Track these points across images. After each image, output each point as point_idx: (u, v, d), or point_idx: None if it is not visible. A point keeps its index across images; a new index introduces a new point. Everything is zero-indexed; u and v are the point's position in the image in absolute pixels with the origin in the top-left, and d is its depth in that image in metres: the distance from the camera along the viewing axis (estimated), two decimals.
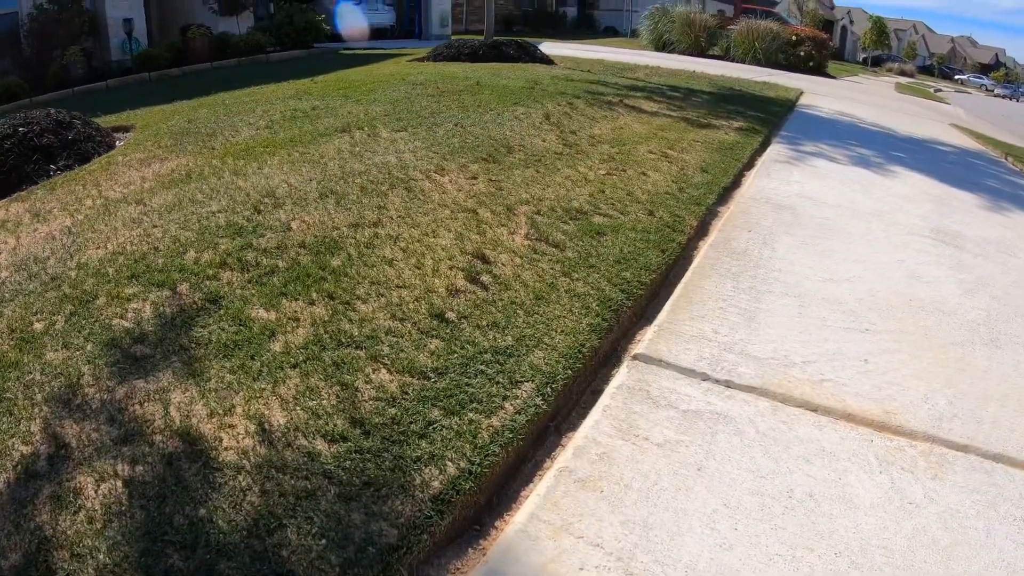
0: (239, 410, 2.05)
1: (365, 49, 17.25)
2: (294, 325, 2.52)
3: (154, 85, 12.00)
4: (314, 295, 2.72)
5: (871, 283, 3.44)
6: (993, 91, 69.82)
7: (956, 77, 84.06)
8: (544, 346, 2.53)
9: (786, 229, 4.09)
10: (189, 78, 12.35)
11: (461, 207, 3.72)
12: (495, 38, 13.31)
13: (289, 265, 2.95)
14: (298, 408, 2.06)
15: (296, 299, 2.69)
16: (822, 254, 3.76)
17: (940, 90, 37.14)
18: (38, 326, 2.58)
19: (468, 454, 1.95)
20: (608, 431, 2.14)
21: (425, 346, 2.45)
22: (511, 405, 2.18)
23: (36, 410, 2.07)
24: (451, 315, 2.67)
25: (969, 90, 58.99)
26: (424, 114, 6.17)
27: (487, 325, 2.63)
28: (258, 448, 1.90)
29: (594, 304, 2.87)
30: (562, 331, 2.65)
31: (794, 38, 23.84)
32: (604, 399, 2.32)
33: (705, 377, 2.45)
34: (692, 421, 2.20)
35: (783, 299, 3.09)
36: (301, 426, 1.99)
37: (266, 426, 1.99)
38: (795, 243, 3.88)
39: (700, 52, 24.43)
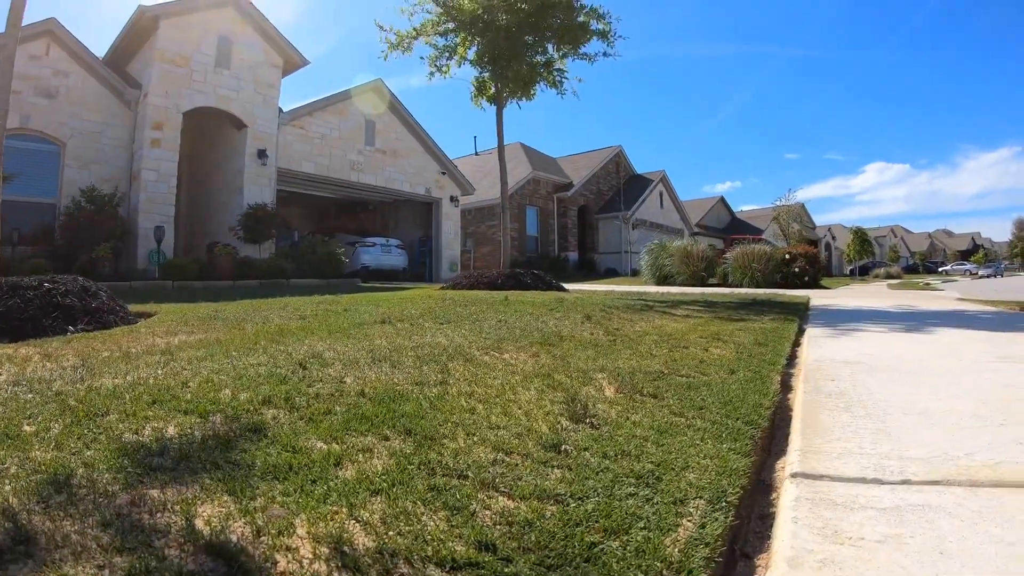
0: (301, 531, 1.58)
1: (382, 284, 17.51)
2: (367, 455, 2.08)
3: (177, 292, 12.08)
4: (387, 431, 2.30)
5: (976, 395, 3.36)
6: (977, 273, 72.31)
7: (940, 269, 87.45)
8: (693, 468, 2.15)
9: (866, 375, 3.91)
10: (212, 290, 12.42)
11: (533, 373, 3.36)
12: (511, 269, 13.56)
13: (349, 409, 2.55)
14: (391, 531, 1.58)
15: (364, 434, 2.28)
16: (915, 386, 3.62)
17: (929, 283, 38.49)
18: (28, 428, 2.20)
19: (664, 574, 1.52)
20: (814, 539, 1.78)
21: (547, 475, 2.02)
22: (689, 521, 1.78)
23: None
24: (568, 447, 2.25)
25: (955, 278, 61.31)
26: (463, 315, 6.00)
27: (616, 455, 2.22)
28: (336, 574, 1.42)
29: (724, 433, 2.54)
30: (705, 455, 2.27)
31: (787, 256, 24.78)
32: (786, 513, 1.96)
33: (879, 481, 2.19)
34: (899, 515, 1.92)
35: (906, 418, 2.91)
36: (401, 550, 1.50)
37: (346, 549, 1.50)
38: (883, 382, 3.70)
39: (700, 282, 25.17)
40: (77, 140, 16.37)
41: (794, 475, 2.26)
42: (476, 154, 43.04)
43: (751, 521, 2.04)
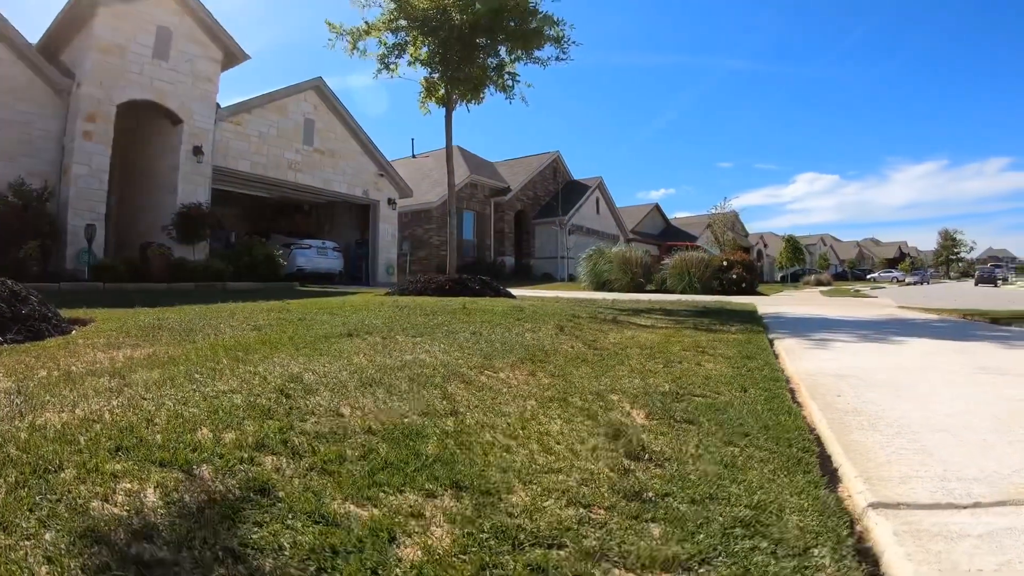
0: None
1: (321, 288, 17.00)
2: (421, 523, 1.73)
3: (110, 295, 11.28)
4: (427, 483, 1.96)
5: (984, 409, 3.39)
6: (904, 281, 75.45)
7: (868, 276, 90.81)
8: (790, 508, 1.99)
9: (867, 389, 3.85)
10: (147, 294, 11.61)
11: (545, 397, 3.08)
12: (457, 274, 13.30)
13: (364, 453, 2.20)
14: None
15: (401, 490, 1.92)
16: (922, 401, 3.59)
17: (859, 290, 40.05)
18: None
19: None
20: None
21: (649, 532, 1.75)
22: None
23: None
24: (649, 494, 1.98)
25: (883, 285, 63.73)
26: (430, 326, 5.64)
27: (703, 499, 2.00)
28: None
29: (789, 463, 2.41)
30: (789, 491, 2.13)
31: (725, 264, 25.36)
32: (895, 549, 1.85)
33: (954, 506, 2.15)
34: (997, 542, 1.89)
35: (934, 435, 2.87)
36: None
37: None
38: (889, 398, 3.65)
39: (638, 288, 25.44)
40: (4, 130, 15.42)
41: (873, 505, 2.15)
42: (413, 156, 42.61)
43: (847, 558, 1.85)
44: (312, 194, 26.07)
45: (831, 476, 2.43)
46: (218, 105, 19.91)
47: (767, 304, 14.45)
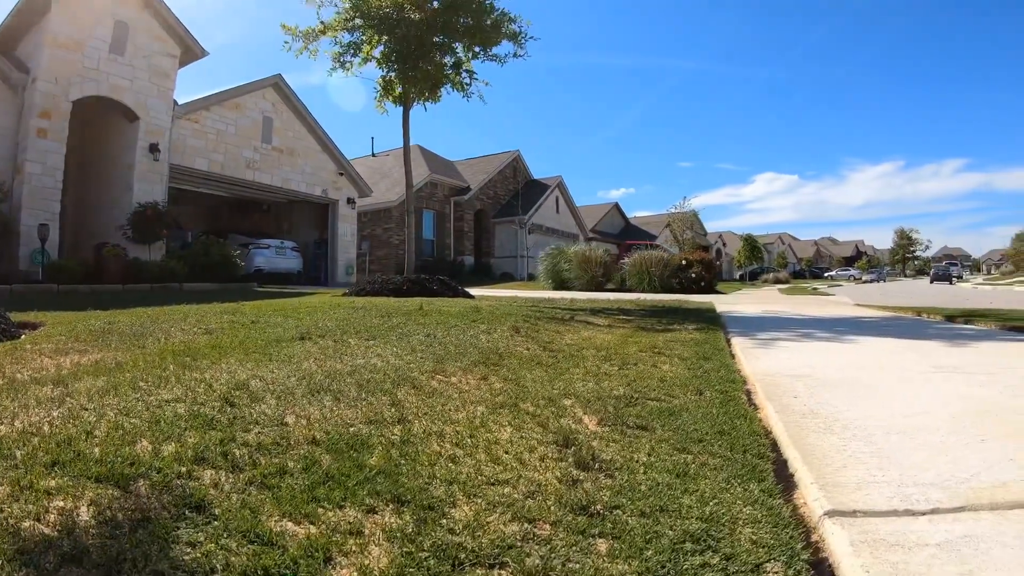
0: None
1: (278, 288, 16.79)
2: (359, 542, 1.66)
3: (63, 297, 11.06)
4: (368, 498, 1.89)
5: (941, 409, 3.40)
6: (861, 279, 76.98)
7: (826, 275, 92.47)
8: (743, 520, 1.95)
9: (823, 390, 3.86)
10: (101, 295, 11.38)
11: (495, 403, 3.02)
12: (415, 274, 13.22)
13: (306, 465, 2.13)
14: None
15: (341, 505, 1.86)
16: (879, 402, 3.60)
17: (816, 288, 40.75)
18: None
19: None
20: None
21: (596, 549, 1.70)
22: None
23: None
24: (597, 507, 1.93)
25: (840, 283, 65.06)
26: (384, 328, 5.56)
27: (653, 511, 1.95)
28: None
29: (744, 471, 2.35)
30: (743, 501, 2.08)
31: (684, 262, 25.61)
32: (851, 560, 1.82)
33: (911, 512, 2.14)
34: (956, 551, 1.87)
35: (892, 437, 2.88)
36: None
37: None
38: (845, 399, 3.65)
39: (598, 287, 25.59)
40: None
41: (829, 513, 2.12)
42: (373, 155, 42.31)
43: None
44: (271, 193, 25.80)
45: (787, 482, 2.42)
46: (175, 102, 19.58)
47: (726, 303, 14.59)
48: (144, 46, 18.11)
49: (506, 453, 2.29)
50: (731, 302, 15.41)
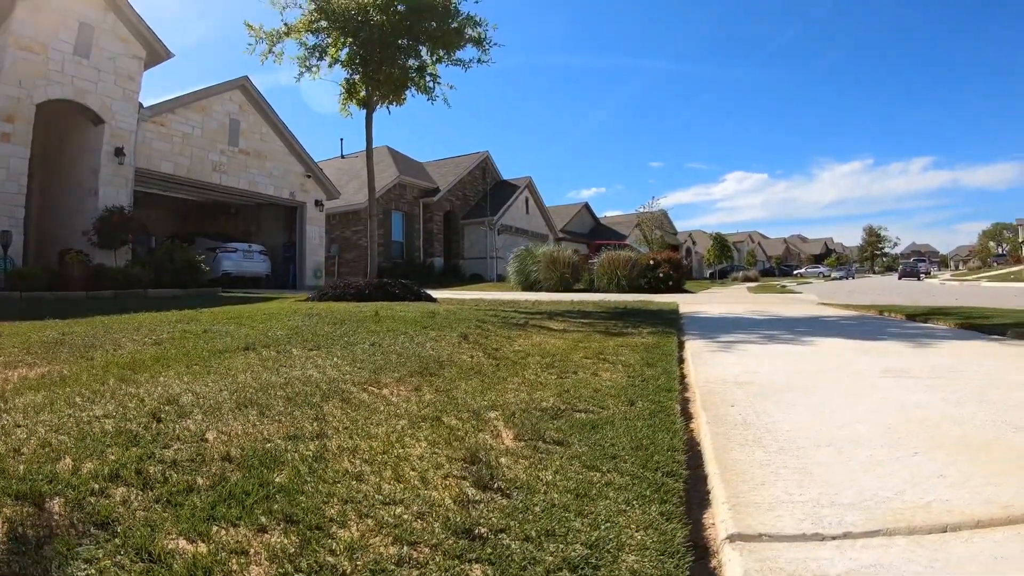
0: None
1: (244, 293, 16.72)
2: (240, 562, 1.71)
3: (25, 304, 11.08)
4: (263, 519, 1.93)
5: (878, 419, 3.38)
6: (830, 275, 77.85)
7: (795, 272, 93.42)
8: (630, 547, 1.89)
9: (763, 398, 3.86)
10: (63, 303, 11.41)
11: (419, 416, 3.06)
12: (378, 278, 13.23)
13: (214, 482, 2.17)
14: None
15: (235, 523, 1.90)
16: (816, 411, 3.59)
17: (785, 286, 41.09)
18: None
19: None
20: None
21: (464, 574, 1.71)
22: None
23: None
24: (482, 530, 1.94)
25: (810, 280, 65.86)
26: (333, 336, 5.62)
27: (539, 535, 1.93)
28: None
29: (649, 491, 2.31)
30: (638, 525, 2.03)
31: (652, 262, 25.80)
32: None
33: (820, 537, 2.04)
34: None
35: (819, 452, 2.83)
36: None
37: None
38: (783, 408, 3.65)
39: (567, 288, 25.73)
40: None
41: (731, 538, 2.05)
42: (343, 156, 42.26)
43: None
44: (238, 196, 25.66)
45: (703, 500, 2.41)
46: (141, 105, 19.45)
47: (690, 303, 14.78)
48: (109, 48, 17.98)
49: (412, 470, 2.33)
50: (696, 302, 15.62)
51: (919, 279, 58.28)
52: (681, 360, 5.52)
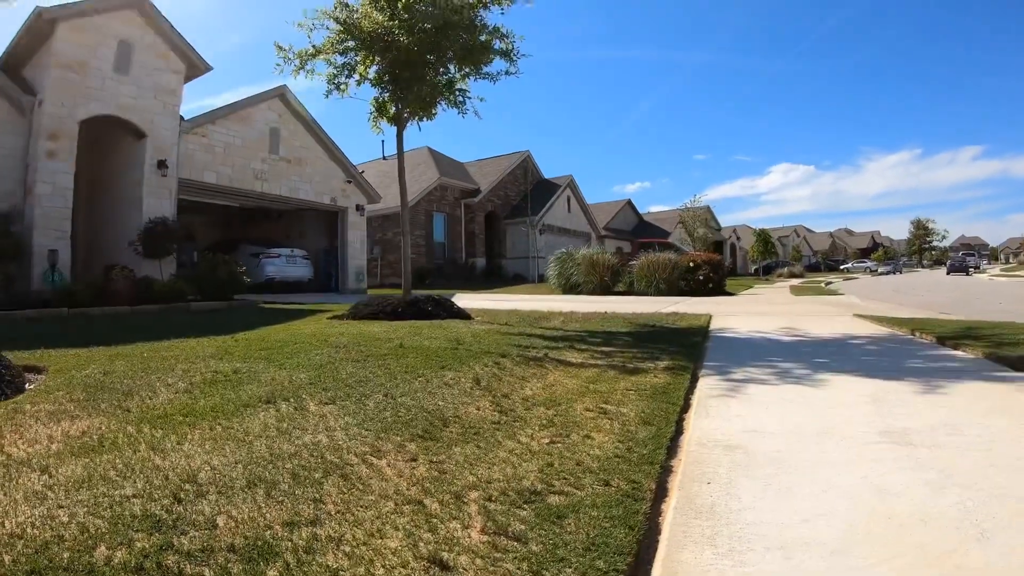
0: None
1: (285, 304, 17.23)
2: None
3: (72, 322, 11.78)
4: None
5: (847, 509, 3.28)
6: (877, 270, 76.61)
7: (842, 267, 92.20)
8: None
9: (744, 472, 3.90)
10: (109, 320, 12.20)
11: (404, 498, 3.36)
12: (414, 293, 13.53)
13: (218, 574, 2.52)
14: None
15: None
16: (788, 493, 3.55)
17: (830, 282, 40.62)
18: None
19: None
20: None
21: None
22: None
23: None
24: None
25: (856, 275, 64.75)
26: (351, 382, 5.98)
27: None
28: None
29: None
30: None
31: (691, 264, 25.87)
32: None
33: None
34: None
35: (767, 555, 2.83)
36: None
37: None
38: (759, 486, 3.67)
39: (607, 290, 25.96)
40: None
41: None
42: (384, 158, 42.89)
43: None
44: (280, 203, 26.32)
45: None
46: (182, 117, 20.13)
47: (724, 313, 14.85)
48: (148, 64, 18.71)
49: (383, 567, 2.61)
50: (731, 311, 15.67)
51: (968, 274, 57.47)
52: (686, 407, 5.60)
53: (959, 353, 8.15)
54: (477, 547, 2.86)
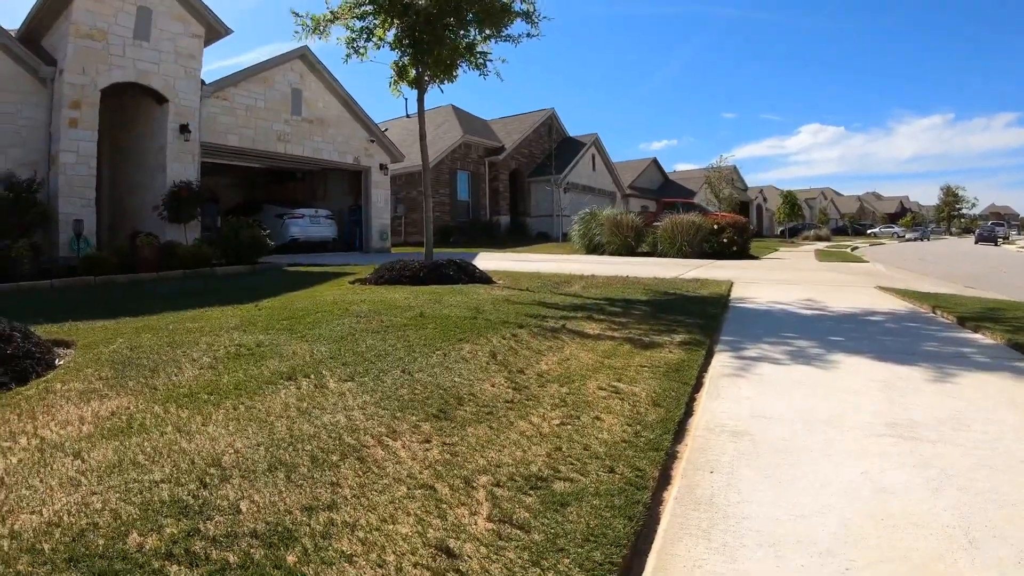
0: None
1: (308, 266, 17.39)
2: None
3: (99, 291, 12.12)
4: None
5: (843, 506, 3.30)
6: (904, 236, 75.87)
7: (869, 232, 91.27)
8: None
9: (747, 462, 3.92)
10: (135, 288, 12.61)
11: (417, 482, 3.51)
12: (435, 258, 13.58)
13: (242, 560, 2.69)
14: None
15: None
16: (787, 486, 3.58)
17: (856, 247, 40.29)
18: None
19: None
20: None
21: None
22: None
23: None
24: None
25: (883, 240, 64.04)
26: (370, 356, 6.13)
27: None
28: None
29: None
30: None
31: (716, 227, 25.50)
32: None
33: None
34: None
35: (759, 551, 2.89)
36: None
37: None
38: (761, 476, 3.71)
39: (630, 251, 25.86)
40: None
41: None
42: (408, 116, 42.74)
43: None
44: (303, 163, 26.45)
45: None
46: (203, 81, 20.19)
47: (746, 280, 14.72)
48: (168, 29, 18.73)
49: (394, 556, 2.76)
50: (754, 277, 15.59)
51: (996, 244, 56.82)
52: (698, 386, 5.62)
53: (978, 337, 7.87)
54: (482, 535, 3.00)
